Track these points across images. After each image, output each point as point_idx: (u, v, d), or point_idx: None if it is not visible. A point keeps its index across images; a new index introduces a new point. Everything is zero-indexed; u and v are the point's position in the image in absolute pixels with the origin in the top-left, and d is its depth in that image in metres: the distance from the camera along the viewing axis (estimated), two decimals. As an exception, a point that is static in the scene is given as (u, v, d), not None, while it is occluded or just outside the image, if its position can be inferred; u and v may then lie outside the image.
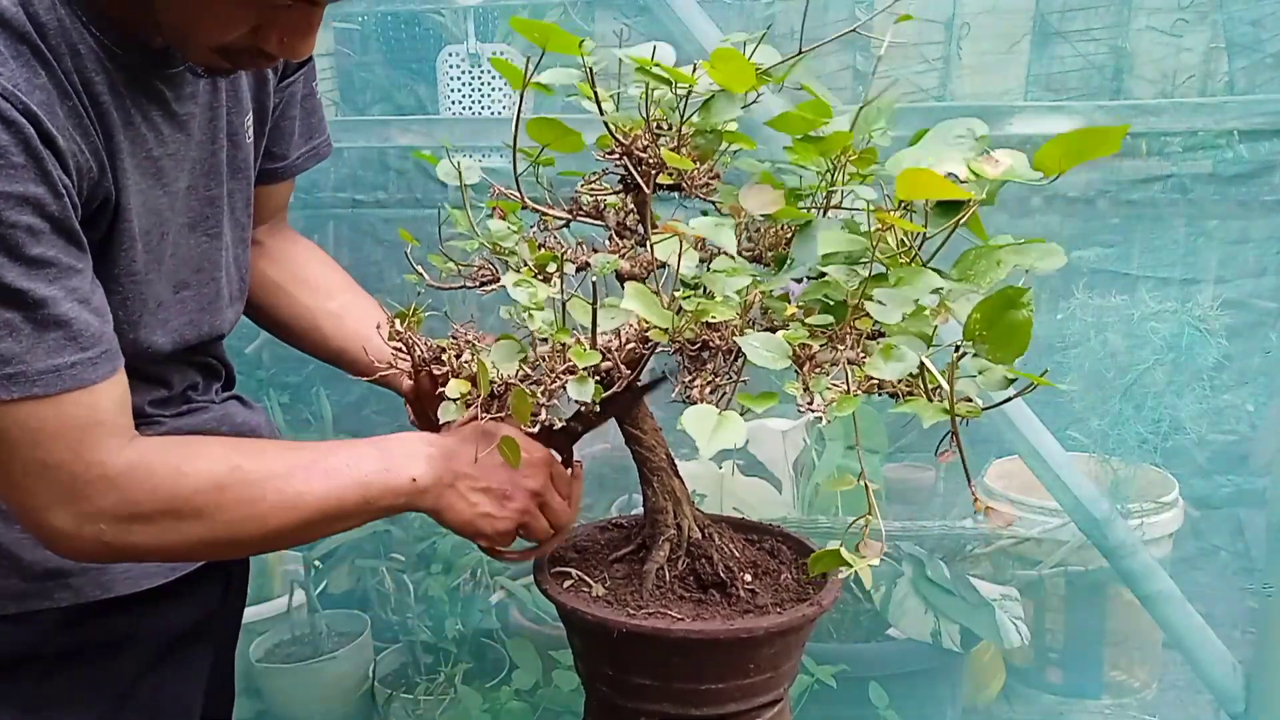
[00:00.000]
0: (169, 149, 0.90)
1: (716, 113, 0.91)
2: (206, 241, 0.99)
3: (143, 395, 0.97)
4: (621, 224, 1.04)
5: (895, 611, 2.02)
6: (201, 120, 0.94)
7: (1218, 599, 2.15)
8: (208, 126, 0.95)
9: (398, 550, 2.34)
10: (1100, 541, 1.92)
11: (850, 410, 0.73)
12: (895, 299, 0.75)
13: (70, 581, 0.95)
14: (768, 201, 0.87)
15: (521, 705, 2.08)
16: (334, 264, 1.25)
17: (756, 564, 1.01)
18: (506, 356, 0.88)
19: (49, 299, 0.77)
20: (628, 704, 0.94)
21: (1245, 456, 2.13)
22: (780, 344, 0.78)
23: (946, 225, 0.76)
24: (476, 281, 1.03)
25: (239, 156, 1.00)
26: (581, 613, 0.91)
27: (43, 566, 0.93)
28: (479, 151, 2.10)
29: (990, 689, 2.32)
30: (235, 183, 1.01)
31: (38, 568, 0.93)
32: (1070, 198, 1.99)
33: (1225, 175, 1.91)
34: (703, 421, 0.76)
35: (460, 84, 2.14)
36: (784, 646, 0.92)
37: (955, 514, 2.22)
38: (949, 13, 2.07)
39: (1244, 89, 1.99)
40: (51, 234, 0.77)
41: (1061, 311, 1.95)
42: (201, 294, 1.00)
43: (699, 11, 1.83)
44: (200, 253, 0.98)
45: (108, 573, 0.97)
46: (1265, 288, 2.02)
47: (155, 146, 0.88)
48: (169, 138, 0.90)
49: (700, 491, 2.13)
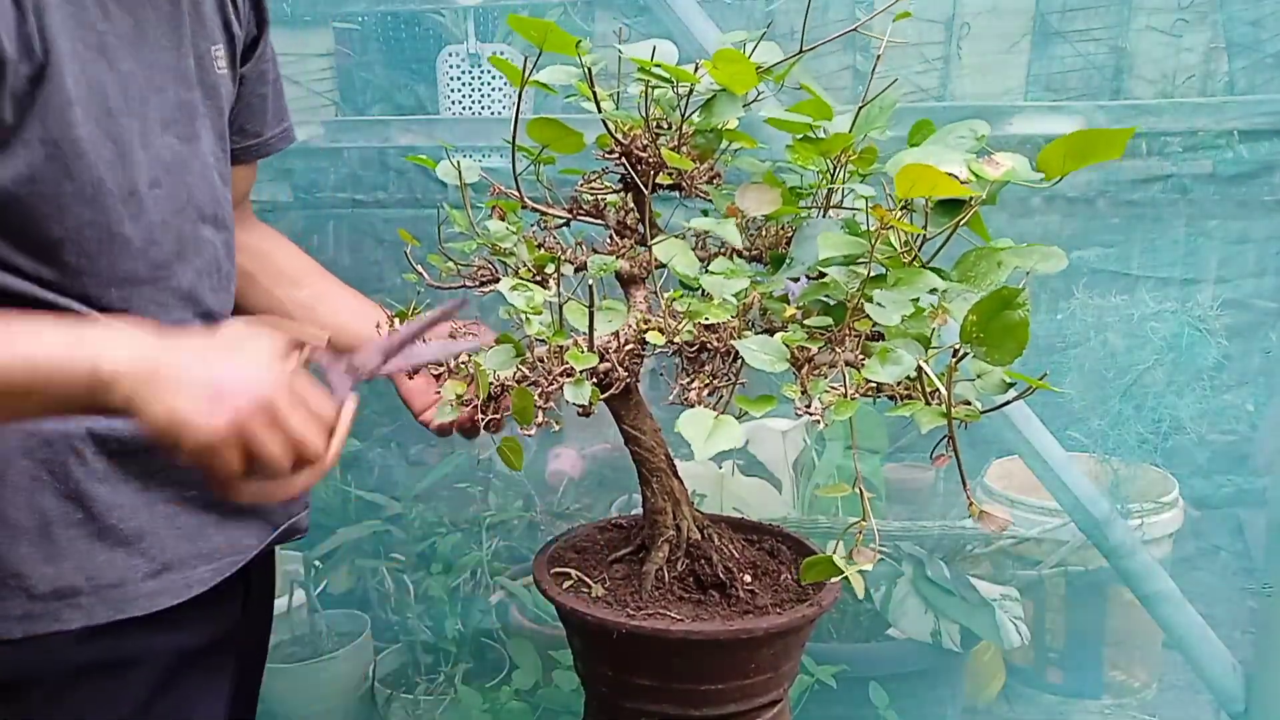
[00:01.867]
0: (115, 28, 0.89)
1: (718, 112, 0.91)
2: (179, 144, 0.96)
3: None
4: (621, 223, 1.04)
5: (895, 611, 2.02)
6: (159, 22, 0.93)
7: (1218, 599, 2.15)
8: (170, 33, 0.95)
9: (398, 550, 2.34)
10: (1100, 541, 1.92)
11: (848, 414, 0.73)
12: (894, 300, 0.75)
13: (80, 601, 0.92)
14: (765, 201, 0.87)
15: (521, 705, 2.08)
16: (302, 253, 1.23)
17: (756, 564, 1.01)
18: (504, 359, 0.88)
19: None
20: (627, 704, 0.94)
21: (1245, 456, 2.13)
22: (778, 347, 0.78)
23: (948, 226, 0.76)
24: (476, 281, 1.03)
25: (209, 79, 1.00)
26: (581, 613, 0.91)
27: (51, 585, 0.90)
28: (479, 151, 2.10)
29: (990, 689, 2.32)
30: (210, 102, 1.00)
31: (45, 586, 0.90)
32: (1070, 198, 1.99)
33: (1225, 175, 1.91)
34: (699, 425, 0.76)
35: (460, 84, 2.14)
36: (784, 647, 0.92)
37: (955, 514, 2.22)
38: (949, 13, 2.07)
39: (1244, 89, 1.99)
40: None
41: (1061, 311, 1.95)
42: (175, 196, 0.95)
43: (699, 11, 1.83)
44: (174, 154, 0.95)
45: (121, 591, 0.94)
46: (1265, 288, 2.02)
47: (99, 21, 0.87)
48: (115, 15, 0.89)
49: (700, 491, 2.13)
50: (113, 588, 0.93)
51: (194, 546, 0.99)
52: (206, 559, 1.00)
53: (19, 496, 0.89)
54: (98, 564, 0.92)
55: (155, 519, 0.96)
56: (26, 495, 0.89)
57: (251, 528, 1.05)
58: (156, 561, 0.96)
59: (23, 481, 0.89)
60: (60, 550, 0.90)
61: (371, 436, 2.53)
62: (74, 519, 0.91)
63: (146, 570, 0.95)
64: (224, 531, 1.01)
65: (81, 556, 0.91)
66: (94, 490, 0.92)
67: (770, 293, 0.88)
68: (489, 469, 2.37)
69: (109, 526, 0.93)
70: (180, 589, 0.97)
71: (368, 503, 2.36)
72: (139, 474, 0.94)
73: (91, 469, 0.91)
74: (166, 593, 0.96)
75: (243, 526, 1.04)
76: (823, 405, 0.74)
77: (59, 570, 0.90)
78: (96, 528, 0.92)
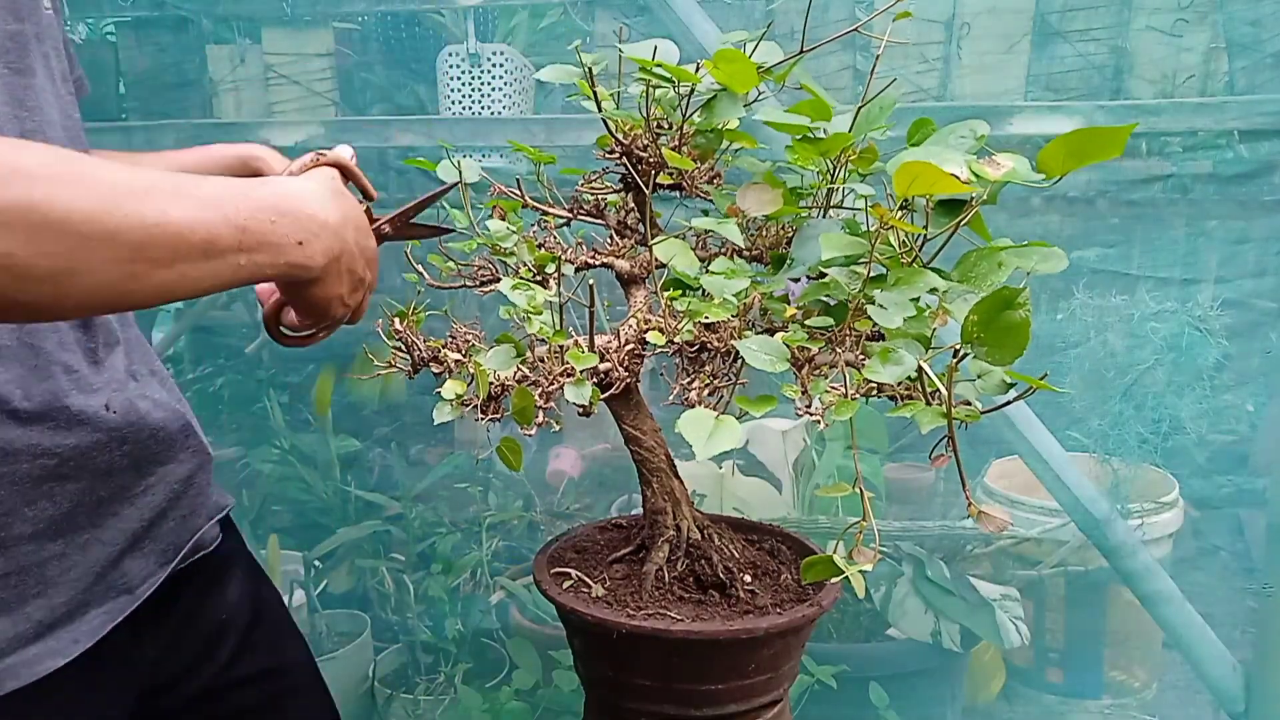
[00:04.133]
0: None
1: (719, 113, 0.91)
2: (14, 77, 0.84)
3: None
4: (621, 223, 1.04)
5: (895, 611, 2.02)
6: None
7: (1218, 599, 2.15)
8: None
9: (398, 550, 2.35)
10: (1100, 541, 1.92)
11: (848, 415, 0.73)
12: (895, 300, 0.75)
13: None
14: (765, 201, 0.87)
15: (521, 705, 2.08)
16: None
17: (756, 564, 1.01)
18: (504, 360, 0.88)
19: None
20: (628, 705, 0.94)
21: (1245, 456, 2.13)
22: (779, 347, 0.78)
23: (948, 226, 0.76)
24: (476, 281, 1.03)
25: (38, 15, 0.88)
26: (581, 614, 0.91)
27: None
28: (479, 151, 2.10)
29: (990, 689, 2.32)
30: (44, 40, 0.89)
31: None
32: (1070, 198, 1.99)
33: (1225, 175, 1.91)
34: (699, 426, 0.76)
35: (460, 84, 2.14)
36: (784, 647, 0.92)
37: (955, 514, 2.22)
38: (949, 13, 2.07)
39: (1244, 89, 1.99)
40: None
41: (1061, 311, 1.95)
42: (25, 131, 0.84)
43: (699, 11, 1.83)
44: (10, 87, 0.84)
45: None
46: (1265, 288, 2.02)
47: None
48: None
49: (700, 491, 2.13)
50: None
51: (88, 594, 0.88)
52: (101, 600, 0.89)
53: None
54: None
55: (40, 572, 0.85)
56: None
57: (153, 555, 0.95)
58: (40, 623, 0.84)
59: None
60: None
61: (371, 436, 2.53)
62: None
63: (30, 634, 0.84)
64: (121, 568, 0.91)
65: None
66: None
67: (771, 293, 0.88)
68: (489, 469, 2.37)
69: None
70: (69, 647, 0.86)
71: (368, 503, 2.36)
72: (26, 533, 0.83)
73: None
74: (55, 654, 0.85)
75: (144, 557, 0.93)
76: (823, 405, 0.74)
77: None
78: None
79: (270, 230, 0.74)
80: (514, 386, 0.85)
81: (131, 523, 0.92)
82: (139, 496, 0.92)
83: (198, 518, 1.00)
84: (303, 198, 0.78)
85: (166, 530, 0.96)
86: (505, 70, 2.13)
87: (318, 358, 2.46)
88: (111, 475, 0.89)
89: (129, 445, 0.90)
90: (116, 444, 0.89)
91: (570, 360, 0.85)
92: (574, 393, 0.84)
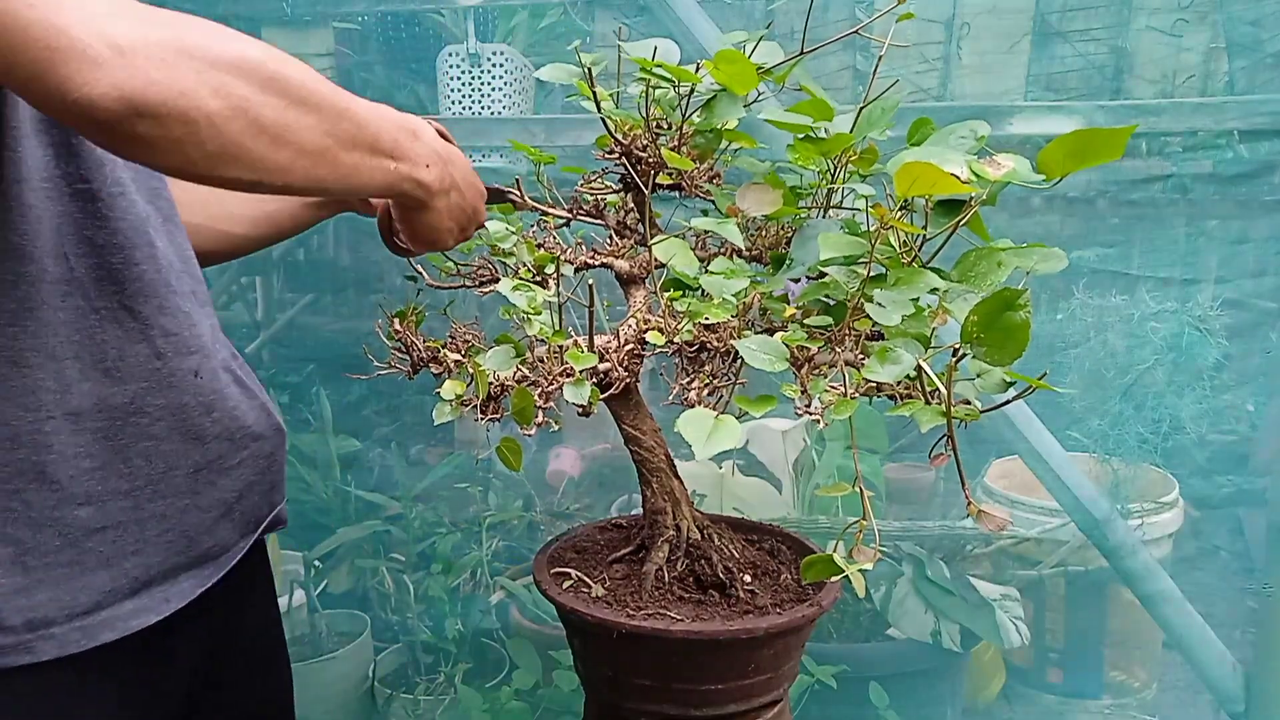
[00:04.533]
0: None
1: (719, 113, 0.91)
2: None
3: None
4: (621, 223, 1.04)
5: (895, 611, 2.02)
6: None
7: (1218, 599, 2.15)
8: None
9: (398, 550, 2.35)
10: (1100, 541, 1.92)
11: (847, 414, 0.73)
12: (894, 300, 0.75)
13: (54, 632, 0.85)
14: (766, 202, 0.87)
15: (521, 705, 2.08)
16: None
17: (756, 564, 1.01)
18: (504, 360, 0.88)
19: None
20: (627, 705, 0.94)
21: (1245, 456, 2.13)
22: (778, 347, 0.78)
23: (948, 226, 0.76)
24: (475, 281, 1.03)
25: None
26: (581, 614, 0.91)
27: (24, 617, 0.84)
28: (479, 151, 2.10)
29: (990, 689, 2.32)
30: None
31: (18, 619, 0.84)
32: (1070, 198, 2.00)
33: (1225, 175, 1.91)
34: (699, 426, 0.76)
35: (460, 84, 2.14)
36: (784, 647, 0.92)
37: (955, 514, 2.22)
38: (949, 13, 2.07)
39: (1244, 89, 1.99)
40: None
41: (1061, 311, 1.95)
42: None
43: (699, 11, 1.83)
44: None
45: (98, 616, 0.87)
46: (1265, 288, 2.02)
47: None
48: None
49: (700, 491, 2.13)
50: (87, 614, 0.87)
51: (179, 558, 0.94)
52: (189, 566, 0.95)
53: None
54: (73, 589, 0.86)
55: (140, 530, 0.90)
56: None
57: (236, 527, 1.00)
58: (137, 580, 0.90)
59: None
60: (35, 580, 0.85)
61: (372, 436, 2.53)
62: (51, 546, 0.86)
63: (126, 589, 0.90)
64: (212, 537, 0.97)
65: (57, 585, 0.86)
66: (70, 514, 0.86)
67: (770, 292, 0.88)
68: (489, 469, 2.37)
69: (86, 549, 0.87)
70: (160, 606, 0.92)
71: (368, 503, 2.36)
72: (122, 488, 0.89)
73: (67, 493, 0.86)
74: (146, 612, 0.91)
75: (230, 529, 0.99)
76: (822, 405, 0.74)
77: (32, 601, 0.84)
78: (74, 553, 0.87)
79: (410, 147, 0.84)
80: (513, 387, 0.85)
81: (226, 492, 0.98)
82: (234, 469, 0.98)
83: (276, 493, 1.06)
84: (428, 130, 0.88)
85: (252, 504, 1.02)
86: (505, 70, 2.13)
87: (318, 358, 2.46)
88: (204, 442, 0.95)
89: (216, 413, 0.95)
90: (204, 410, 0.94)
91: (570, 360, 0.85)
92: (573, 393, 0.84)
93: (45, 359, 0.84)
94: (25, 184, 0.80)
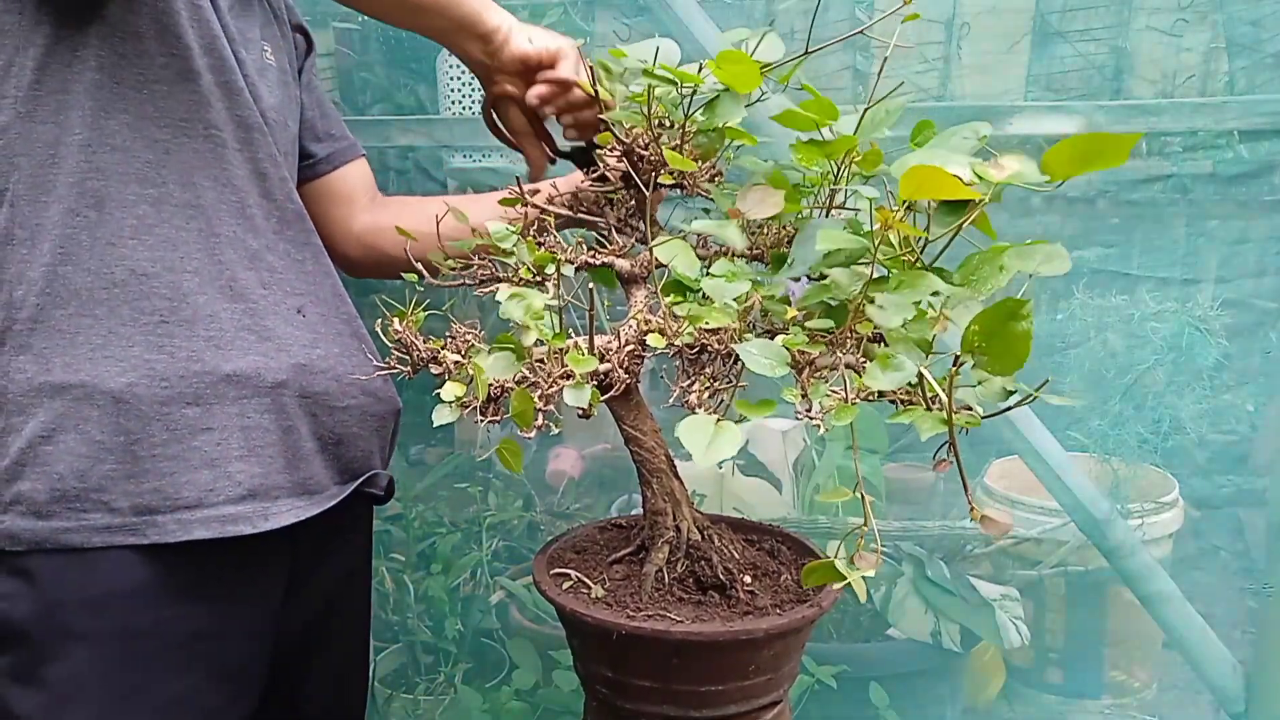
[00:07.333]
0: None
1: (721, 113, 0.91)
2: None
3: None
4: (622, 222, 1.04)
5: (895, 611, 2.02)
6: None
7: (1218, 599, 2.15)
8: None
9: (397, 550, 2.34)
10: (1100, 541, 1.92)
11: (848, 419, 0.73)
12: (896, 303, 0.75)
13: (158, 519, 0.94)
14: (768, 204, 0.87)
15: (521, 705, 2.08)
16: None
17: (756, 565, 1.01)
18: (504, 364, 0.87)
19: None
20: (627, 706, 0.94)
21: (1245, 456, 2.13)
22: (779, 350, 0.78)
23: (951, 227, 0.76)
24: (475, 281, 1.03)
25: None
26: (581, 614, 0.91)
27: (130, 501, 0.93)
28: (479, 151, 2.10)
29: (990, 689, 2.32)
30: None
31: (125, 502, 0.93)
32: (1070, 198, 1.99)
33: (1225, 175, 1.91)
34: (699, 432, 0.75)
35: (460, 84, 2.13)
36: (784, 648, 0.92)
37: (955, 514, 2.22)
38: (949, 13, 2.07)
39: (1244, 89, 1.98)
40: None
41: (1061, 312, 1.95)
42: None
43: (699, 11, 1.83)
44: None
45: (198, 512, 0.95)
46: (1265, 288, 2.02)
47: None
48: None
49: (700, 492, 2.13)
50: (189, 508, 0.95)
51: (280, 477, 1.01)
52: (290, 492, 1.01)
53: (105, 416, 0.92)
54: (177, 483, 0.94)
55: (244, 439, 0.98)
56: (112, 416, 0.92)
57: (335, 471, 1.07)
58: (239, 485, 0.97)
59: (107, 404, 0.92)
60: (143, 469, 0.93)
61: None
62: (160, 438, 0.94)
63: (228, 493, 0.97)
64: (310, 467, 1.03)
65: (162, 477, 0.94)
66: (177, 412, 0.94)
67: (772, 295, 0.87)
68: (489, 469, 2.37)
69: (194, 448, 0.95)
70: (258, 519, 0.98)
71: (368, 503, 2.35)
72: (224, 377, 0.97)
73: (176, 391, 0.94)
74: (244, 520, 0.98)
75: (328, 467, 1.06)
76: (823, 410, 0.74)
77: (139, 488, 0.92)
78: (180, 449, 0.94)
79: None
80: (513, 388, 0.85)
81: (326, 429, 1.05)
82: (339, 410, 1.06)
83: (377, 459, 1.13)
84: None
85: (353, 456, 1.09)
86: (505, 70, 2.12)
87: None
88: (313, 372, 1.03)
89: (320, 350, 1.05)
90: (310, 343, 1.04)
91: (570, 363, 0.85)
92: (574, 395, 0.84)
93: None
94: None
